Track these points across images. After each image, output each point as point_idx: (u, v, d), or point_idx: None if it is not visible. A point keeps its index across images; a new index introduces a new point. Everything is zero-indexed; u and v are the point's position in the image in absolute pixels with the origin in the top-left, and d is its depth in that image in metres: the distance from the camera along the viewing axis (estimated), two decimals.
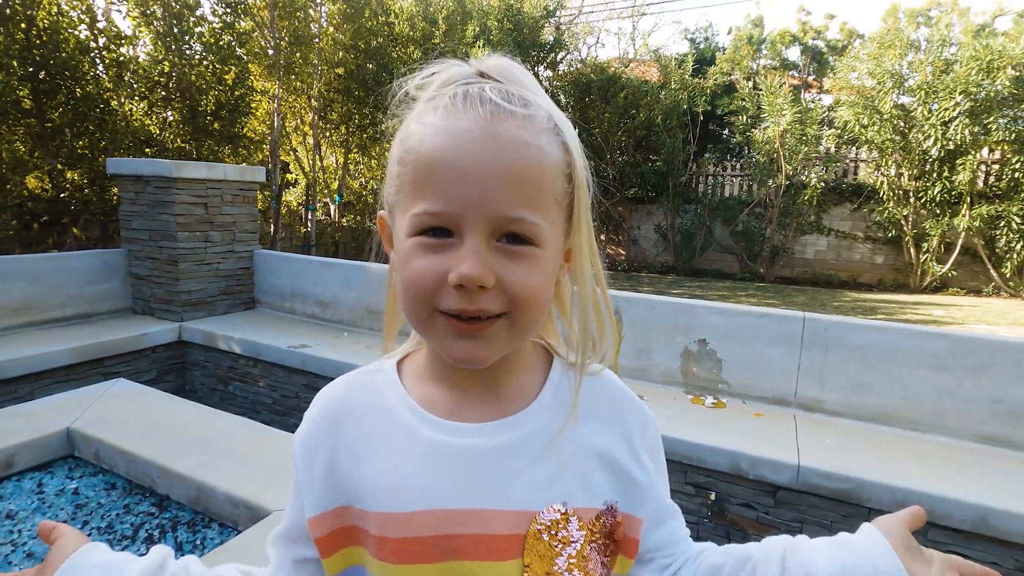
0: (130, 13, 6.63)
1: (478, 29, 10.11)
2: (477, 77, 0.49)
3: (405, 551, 0.50)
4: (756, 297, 8.56)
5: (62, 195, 6.24)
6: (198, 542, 1.95)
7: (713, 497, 2.43)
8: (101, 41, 6.38)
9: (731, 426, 2.64)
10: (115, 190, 6.07)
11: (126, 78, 6.46)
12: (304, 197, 9.74)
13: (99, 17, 6.38)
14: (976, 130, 8.44)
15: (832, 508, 2.24)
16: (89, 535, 2.01)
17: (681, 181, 11.17)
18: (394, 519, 0.50)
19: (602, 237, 12.21)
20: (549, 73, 12.40)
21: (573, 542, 0.52)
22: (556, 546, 0.51)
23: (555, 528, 0.51)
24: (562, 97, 12.16)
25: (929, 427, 2.58)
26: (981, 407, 2.49)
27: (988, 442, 2.48)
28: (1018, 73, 8.21)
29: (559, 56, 12.31)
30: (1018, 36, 8.45)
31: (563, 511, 0.52)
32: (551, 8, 11.86)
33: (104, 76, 6.47)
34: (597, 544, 0.54)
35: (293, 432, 0.60)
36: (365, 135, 9.18)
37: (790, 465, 2.28)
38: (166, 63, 6.59)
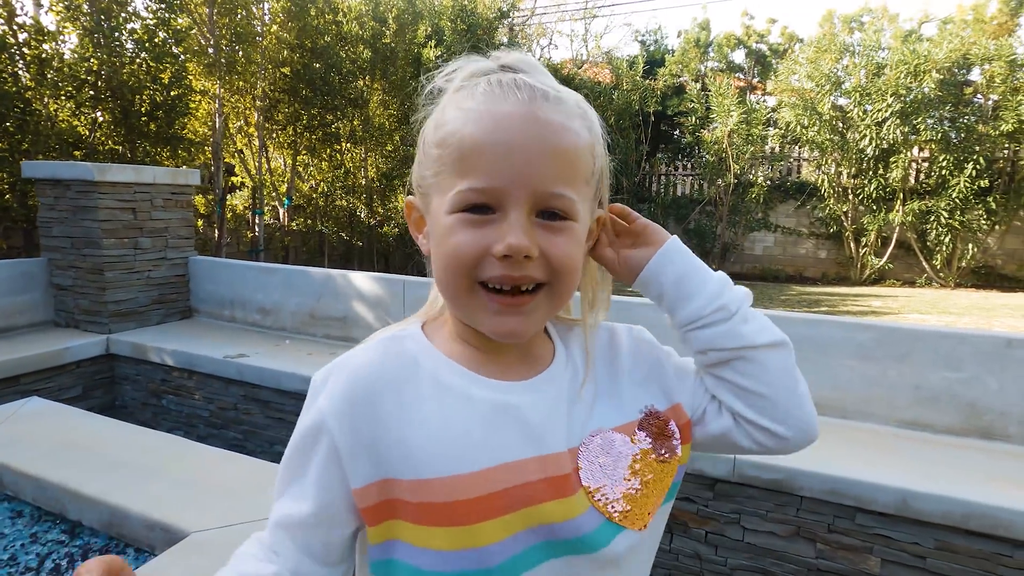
0: (53, 7, 6.25)
1: (430, 29, 10.00)
2: (501, 70, 0.53)
3: (483, 509, 0.51)
4: None
5: None
6: None
7: None
8: (21, 37, 5.99)
9: None
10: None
11: (49, 76, 6.08)
12: (251, 201, 9.41)
13: (18, 11, 5.98)
14: (906, 130, 8.92)
15: (767, 498, 2.29)
16: None
17: (635, 181, 11.37)
18: (463, 481, 0.51)
19: None
20: None
21: (624, 455, 0.58)
22: (608, 465, 0.57)
23: (599, 451, 0.57)
24: None
25: (857, 415, 2.68)
26: (903, 394, 2.60)
27: (910, 427, 2.59)
28: (942, 76, 8.72)
29: None
30: (941, 42, 8.98)
31: (600, 434, 0.58)
32: (505, 9, 11.87)
33: (25, 74, 6.07)
34: (653, 445, 0.60)
35: (229, 446, 0.58)
36: (314, 136, 8.94)
37: (726, 458, 2.31)
38: (94, 60, 6.23)
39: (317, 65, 8.38)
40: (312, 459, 0.54)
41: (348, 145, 9.24)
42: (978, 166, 8.63)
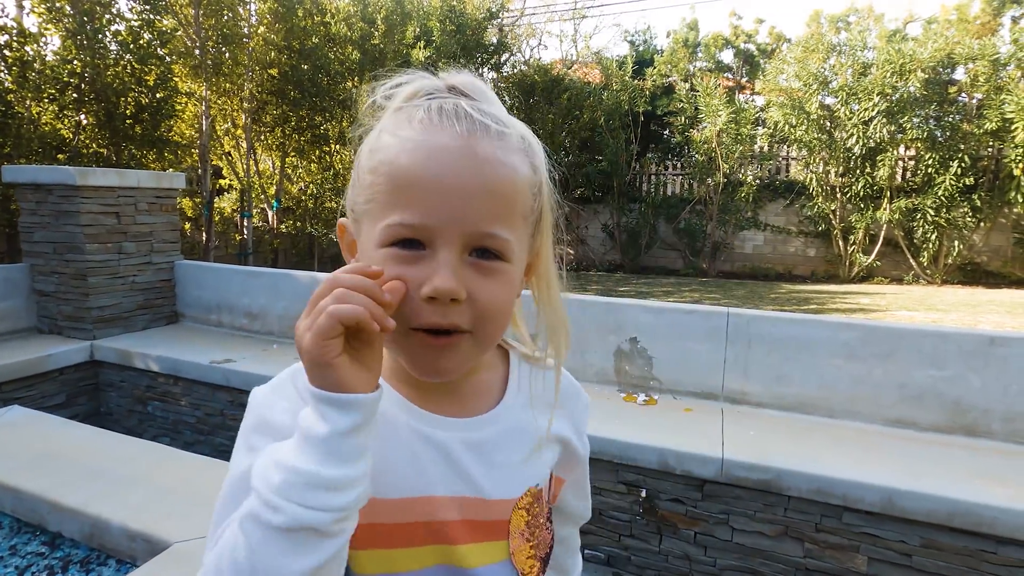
0: (35, 9, 6.16)
1: (419, 30, 9.97)
2: (447, 92, 0.51)
3: (399, 536, 0.52)
4: (699, 292, 8.82)
5: None
6: None
7: (644, 494, 2.45)
8: (2, 39, 5.90)
9: (661, 423, 2.67)
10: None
11: (31, 78, 5.99)
12: (239, 203, 9.33)
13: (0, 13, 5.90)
14: (893, 129, 9.00)
15: (756, 498, 2.30)
16: None
17: (625, 181, 11.39)
18: (386, 505, 0.51)
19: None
20: (494, 75, 12.39)
21: (542, 512, 0.60)
22: (532, 521, 0.58)
23: (531, 507, 0.58)
24: (507, 98, 12.17)
25: (843, 413, 2.69)
26: (889, 392, 2.62)
27: (896, 425, 2.61)
28: (927, 76, 8.81)
29: (503, 58, 12.32)
30: (926, 41, 9.07)
31: (536, 491, 0.59)
32: (494, 10, 11.85)
33: (6, 76, 5.98)
34: (545, 510, 0.62)
35: (214, 453, 0.55)
36: (303, 138, 8.88)
37: (715, 459, 2.32)
38: (77, 62, 6.16)
39: (305, 66, 8.32)
40: (253, 423, 0.53)
41: (337, 147, 9.19)
42: (963, 164, 8.73)
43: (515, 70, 12.40)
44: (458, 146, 0.47)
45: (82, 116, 6.54)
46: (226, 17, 7.74)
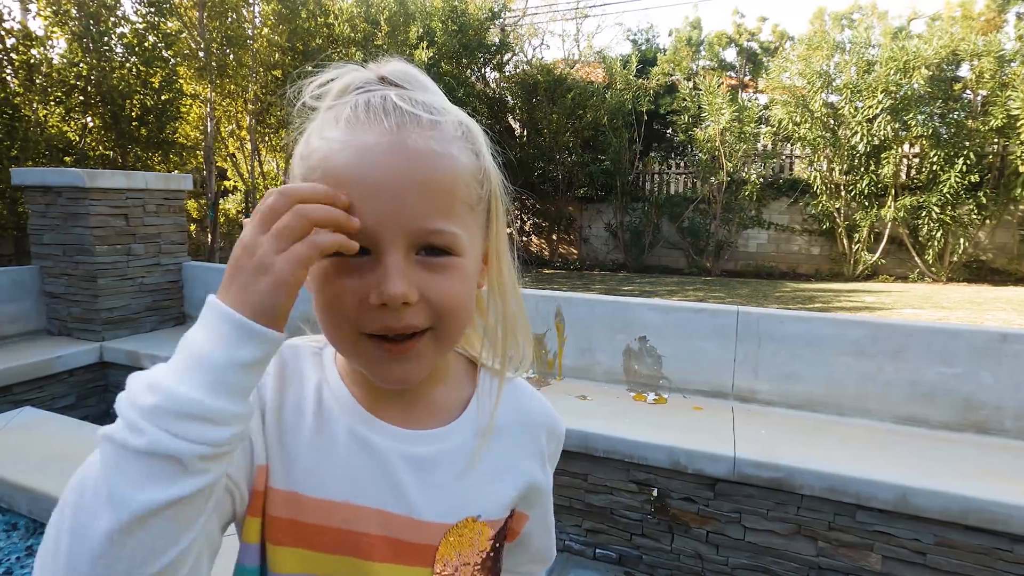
0: (41, 12, 6.19)
1: (422, 30, 9.98)
2: (378, 83, 0.48)
3: (314, 537, 0.50)
4: (703, 291, 8.81)
5: None
6: None
7: (655, 493, 2.45)
8: (9, 42, 5.93)
9: (671, 422, 2.67)
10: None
11: (38, 81, 6.02)
12: (244, 204, 9.36)
13: (6, 17, 5.93)
14: (897, 126, 8.97)
15: (767, 496, 2.30)
16: None
17: (628, 180, 11.38)
18: (309, 502, 0.50)
19: (554, 237, 12.31)
20: (496, 75, 12.40)
21: (482, 550, 0.55)
22: (466, 555, 0.53)
23: (468, 539, 0.53)
24: (509, 98, 12.18)
25: (853, 411, 2.69)
26: (899, 389, 2.61)
27: (906, 423, 2.60)
28: (932, 73, 8.78)
29: (505, 58, 12.32)
30: (931, 38, 9.04)
31: (476, 523, 0.54)
32: (496, 10, 11.86)
33: (13, 79, 6.01)
34: (500, 545, 0.57)
35: None
36: None
37: (726, 457, 2.32)
38: (83, 65, 6.18)
39: (310, 68, 8.34)
40: None
41: None
42: (968, 161, 8.69)
43: (518, 70, 12.41)
44: (387, 142, 0.44)
45: (88, 118, 6.57)
46: (230, 19, 7.77)
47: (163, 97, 6.80)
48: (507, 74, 12.34)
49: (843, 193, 9.79)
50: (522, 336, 0.57)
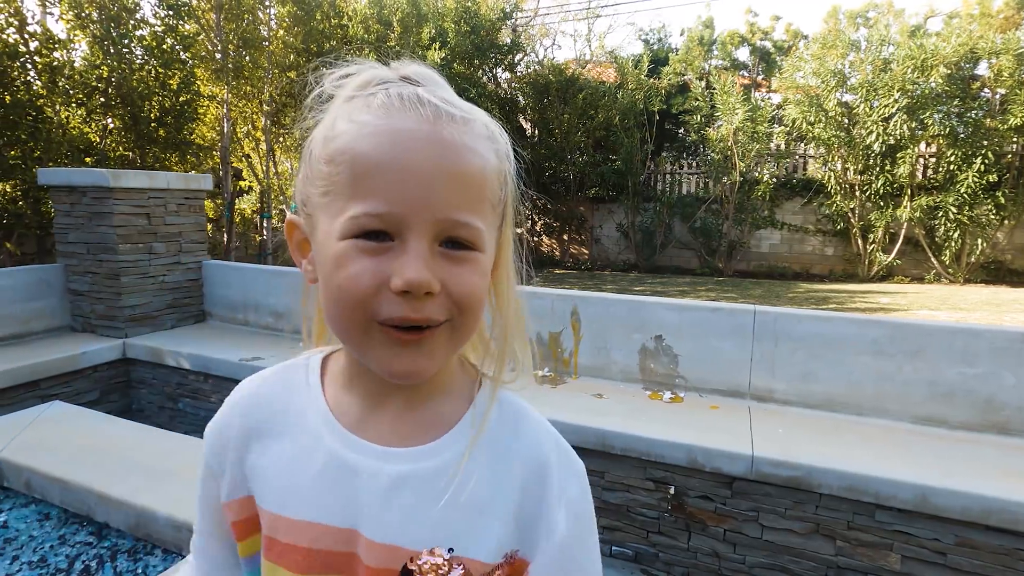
0: (63, 16, 6.31)
1: (434, 31, 10.04)
2: (400, 81, 0.47)
3: (288, 556, 0.50)
4: (715, 291, 8.77)
5: None
6: (139, 571, 1.85)
7: (672, 491, 2.46)
8: (32, 45, 6.05)
9: (688, 420, 2.68)
10: (51, 202, 5.76)
11: (61, 84, 6.14)
12: (259, 204, 9.47)
13: (29, 20, 6.05)
14: (913, 125, 8.87)
15: (785, 496, 2.30)
16: (19, 571, 1.88)
17: (640, 180, 11.35)
18: (283, 522, 0.51)
19: (565, 237, 12.31)
20: (507, 75, 12.43)
21: None
22: None
23: (433, 573, 0.48)
24: (521, 99, 12.19)
25: (871, 411, 2.68)
26: (918, 389, 2.60)
27: (925, 423, 2.59)
28: (950, 71, 8.68)
29: (517, 58, 12.35)
30: (949, 36, 8.93)
31: (446, 557, 0.48)
32: (508, 10, 11.89)
33: (36, 82, 6.14)
34: None
35: None
36: None
37: (744, 456, 2.32)
38: (104, 68, 6.30)
39: (330, 59, 8.43)
40: (201, 474, 0.58)
41: None
42: (986, 161, 8.57)
43: (529, 70, 12.43)
44: (424, 131, 0.44)
45: (109, 120, 6.69)
46: (246, 21, 7.86)
47: (181, 99, 6.90)
48: (519, 74, 12.36)
49: (858, 193, 9.70)
50: (519, 344, 0.54)
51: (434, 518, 0.48)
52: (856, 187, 9.70)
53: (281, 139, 9.06)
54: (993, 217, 8.84)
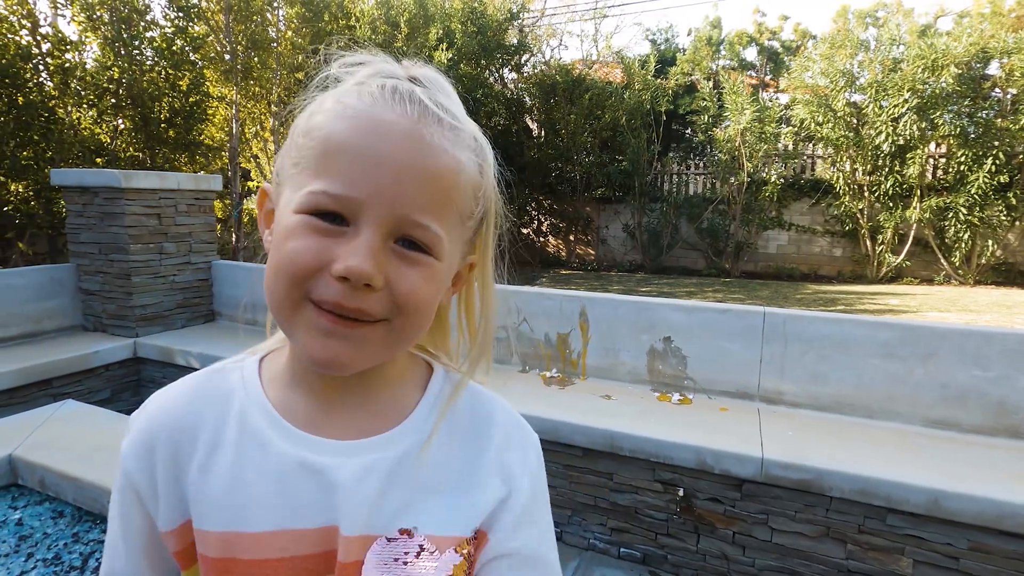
0: (75, 18, 6.38)
1: (441, 32, 10.06)
2: (407, 80, 0.47)
3: (255, 571, 0.47)
4: (722, 292, 8.74)
5: (6, 208, 5.95)
6: None
7: (681, 493, 2.46)
8: (45, 47, 6.12)
9: (696, 422, 2.67)
10: (63, 202, 5.82)
11: (72, 85, 6.21)
12: None
13: (41, 22, 6.12)
14: (923, 125, 8.81)
15: (795, 498, 2.29)
16: (34, 568, 1.90)
17: (647, 180, 11.32)
18: (243, 539, 0.47)
19: (571, 237, 12.30)
20: (514, 75, 12.43)
21: (422, 571, 0.48)
22: (400, 573, 0.48)
23: (399, 554, 0.48)
24: (527, 99, 12.20)
25: (882, 414, 2.66)
26: (929, 392, 2.58)
27: (937, 426, 2.57)
28: (960, 71, 8.60)
29: (524, 58, 12.35)
30: (960, 36, 8.85)
31: (410, 537, 0.48)
32: (515, 11, 11.90)
33: (48, 83, 6.20)
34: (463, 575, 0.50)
35: None
36: None
37: (754, 458, 2.32)
38: (115, 69, 6.36)
39: (343, 41, 8.49)
40: (120, 504, 0.52)
41: None
42: (997, 161, 8.50)
43: (536, 70, 12.43)
44: (404, 126, 0.43)
45: (119, 121, 6.74)
46: (255, 23, 7.91)
47: (190, 100, 6.95)
48: (525, 75, 12.36)
49: (866, 194, 9.63)
50: (485, 359, 0.56)
51: (405, 501, 0.49)
52: (865, 188, 9.63)
53: None
54: (1004, 218, 8.76)
